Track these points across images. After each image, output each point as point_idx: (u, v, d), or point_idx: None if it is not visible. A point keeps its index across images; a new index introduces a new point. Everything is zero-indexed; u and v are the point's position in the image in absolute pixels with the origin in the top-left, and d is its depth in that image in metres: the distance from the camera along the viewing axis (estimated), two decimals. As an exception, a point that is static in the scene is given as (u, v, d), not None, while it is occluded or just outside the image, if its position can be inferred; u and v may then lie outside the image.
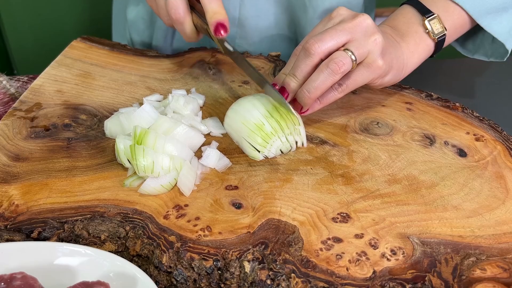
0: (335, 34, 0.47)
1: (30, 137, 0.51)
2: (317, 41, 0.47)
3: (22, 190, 0.44)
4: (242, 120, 0.48)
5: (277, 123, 0.48)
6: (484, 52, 0.62)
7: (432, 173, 0.47)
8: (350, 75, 0.48)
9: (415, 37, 0.55)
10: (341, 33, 0.47)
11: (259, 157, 0.48)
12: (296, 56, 0.50)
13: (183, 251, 0.38)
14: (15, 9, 1.30)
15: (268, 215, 0.42)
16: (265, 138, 0.47)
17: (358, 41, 0.47)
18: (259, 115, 0.48)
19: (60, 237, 0.41)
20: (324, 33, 0.47)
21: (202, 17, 0.54)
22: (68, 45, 0.67)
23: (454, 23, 0.56)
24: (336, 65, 0.46)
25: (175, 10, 0.53)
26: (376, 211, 0.42)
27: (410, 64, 0.55)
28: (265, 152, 0.48)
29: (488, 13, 0.56)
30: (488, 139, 0.51)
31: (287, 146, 0.49)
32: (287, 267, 0.37)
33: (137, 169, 0.44)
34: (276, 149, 0.48)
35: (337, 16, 0.50)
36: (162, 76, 0.62)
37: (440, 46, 0.56)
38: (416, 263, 0.38)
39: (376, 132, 0.52)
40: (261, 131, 0.48)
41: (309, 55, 0.47)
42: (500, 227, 0.41)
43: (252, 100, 0.50)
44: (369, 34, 0.48)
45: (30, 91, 0.58)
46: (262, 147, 0.48)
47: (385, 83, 0.53)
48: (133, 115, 0.49)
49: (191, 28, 0.56)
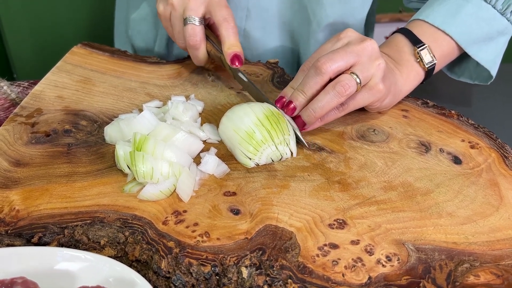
0: (344, 55, 0.49)
1: (31, 143, 0.52)
2: (328, 60, 0.49)
3: (22, 195, 0.45)
4: (234, 127, 0.49)
5: (267, 132, 0.49)
6: (469, 75, 0.66)
7: (427, 180, 0.47)
8: (353, 96, 0.51)
9: (407, 65, 0.57)
10: (350, 55, 0.49)
11: (250, 164, 0.49)
12: (304, 72, 0.52)
13: (181, 256, 0.39)
14: (16, 14, 1.30)
15: (265, 221, 0.42)
16: (255, 146, 0.48)
17: (364, 64, 0.49)
18: (250, 123, 0.49)
19: (60, 242, 0.41)
20: (335, 54, 0.49)
21: (216, 46, 0.58)
22: (69, 51, 0.68)
23: (443, 52, 0.58)
24: (343, 88, 0.48)
25: (193, 38, 0.58)
26: (372, 218, 0.43)
27: (403, 91, 0.58)
28: (256, 159, 0.49)
29: (475, 43, 0.58)
30: (483, 146, 0.52)
31: (277, 155, 0.49)
32: (284, 273, 0.38)
33: (137, 175, 0.45)
34: (267, 157, 0.49)
35: (345, 37, 0.52)
36: (161, 83, 0.63)
37: (430, 74, 0.59)
38: (411, 269, 0.38)
39: (373, 139, 0.53)
40: (252, 139, 0.48)
41: (320, 73, 0.49)
42: (494, 234, 0.42)
43: (245, 108, 0.50)
44: (374, 58, 0.50)
45: (30, 97, 0.59)
46: (253, 154, 0.48)
47: (383, 107, 0.55)
48: (133, 121, 0.50)
49: (204, 55, 0.60)
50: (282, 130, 0.49)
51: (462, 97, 0.75)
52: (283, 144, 0.49)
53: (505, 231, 0.42)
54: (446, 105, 0.59)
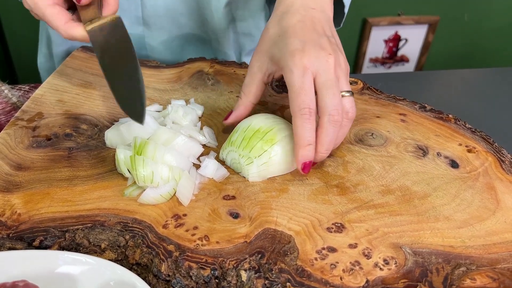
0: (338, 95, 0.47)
1: (32, 147, 0.52)
2: (340, 110, 0.47)
3: (24, 199, 0.45)
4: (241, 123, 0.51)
5: (244, 140, 0.48)
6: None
7: (424, 184, 0.48)
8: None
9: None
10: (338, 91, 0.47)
11: (220, 155, 0.51)
12: (308, 120, 0.46)
13: (181, 260, 0.39)
14: (17, 19, 1.31)
15: (264, 225, 0.43)
16: (227, 143, 0.50)
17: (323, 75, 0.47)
18: (244, 124, 0.50)
19: (61, 246, 0.41)
20: (339, 103, 0.47)
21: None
22: (69, 55, 0.69)
23: None
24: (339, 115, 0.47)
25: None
26: (369, 221, 0.43)
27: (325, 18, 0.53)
28: (223, 155, 0.50)
29: None
30: (480, 150, 0.53)
31: (237, 166, 0.49)
32: (282, 276, 0.38)
33: (137, 179, 0.45)
34: (231, 160, 0.50)
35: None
36: (161, 86, 0.64)
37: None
38: (408, 272, 0.39)
39: (371, 143, 0.54)
40: (231, 136, 0.50)
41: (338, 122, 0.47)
42: (490, 237, 0.42)
43: (258, 116, 0.51)
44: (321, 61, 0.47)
45: (31, 101, 0.59)
46: (223, 149, 0.50)
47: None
48: (133, 125, 0.50)
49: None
50: (255, 149, 0.48)
51: (459, 101, 0.76)
52: (246, 161, 0.48)
53: (502, 235, 0.42)
54: (443, 109, 0.60)
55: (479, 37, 1.89)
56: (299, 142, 0.46)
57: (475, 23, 1.85)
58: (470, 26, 1.86)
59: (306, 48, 0.47)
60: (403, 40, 1.84)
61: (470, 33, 1.88)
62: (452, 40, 1.89)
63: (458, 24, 1.85)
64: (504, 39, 1.92)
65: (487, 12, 1.83)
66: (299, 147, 0.46)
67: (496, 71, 0.89)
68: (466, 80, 0.84)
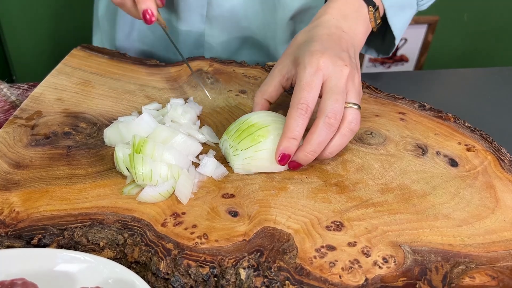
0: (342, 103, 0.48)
1: (31, 145, 0.52)
2: (338, 115, 0.47)
3: (22, 197, 0.45)
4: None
5: (238, 131, 0.49)
6: (375, 47, 0.67)
7: (424, 183, 0.48)
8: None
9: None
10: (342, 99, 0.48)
11: (219, 144, 0.53)
12: (302, 116, 0.47)
13: (180, 258, 0.39)
14: (15, 17, 1.31)
15: (263, 223, 0.43)
16: (226, 131, 0.52)
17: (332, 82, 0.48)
18: (244, 117, 0.51)
19: (59, 244, 0.41)
20: (339, 109, 0.47)
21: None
22: (68, 54, 0.69)
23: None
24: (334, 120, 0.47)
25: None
26: (369, 220, 0.43)
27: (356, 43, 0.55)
28: (221, 142, 0.52)
29: (393, 6, 0.58)
30: (479, 149, 0.53)
31: (227, 155, 0.50)
32: (281, 275, 0.38)
33: (136, 177, 0.45)
34: (224, 149, 0.51)
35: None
36: (160, 85, 0.63)
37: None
38: (407, 271, 0.39)
39: (370, 142, 0.54)
40: (230, 126, 0.51)
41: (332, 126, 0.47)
42: (489, 236, 0.42)
43: (260, 112, 0.52)
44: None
45: (30, 99, 0.59)
46: (222, 136, 0.52)
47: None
48: (132, 124, 0.50)
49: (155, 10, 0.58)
50: (243, 142, 0.48)
51: (458, 100, 0.76)
52: (234, 152, 0.49)
53: (501, 233, 0.42)
54: (442, 108, 0.60)
55: (479, 37, 1.89)
56: (285, 132, 0.47)
57: (475, 23, 1.85)
58: (470, 26, 1.86)
59: (326, 52, 0.48)
60: (402, 39, 1.84)
61: (469, 33, 1.88)
62: (451, 40, 1.89)
63: (458, 24, 1.85)
64: (503, 39, 1.92)
65: (486, 12, 1.83)
66: (283, 137, 0.47)
67: (496, 70, 0.89)
68: (466, 79, 0.84)
